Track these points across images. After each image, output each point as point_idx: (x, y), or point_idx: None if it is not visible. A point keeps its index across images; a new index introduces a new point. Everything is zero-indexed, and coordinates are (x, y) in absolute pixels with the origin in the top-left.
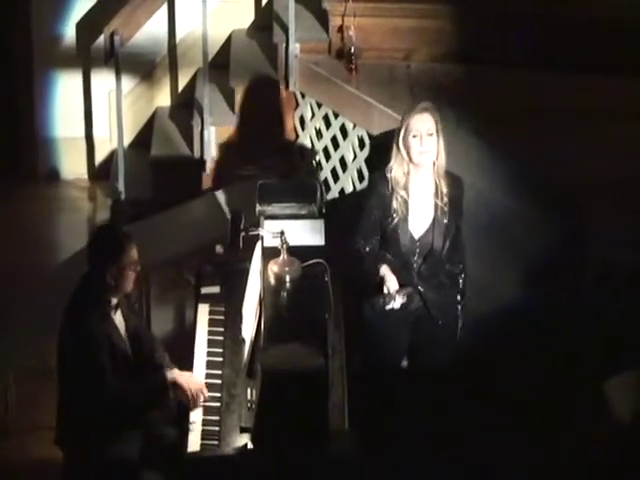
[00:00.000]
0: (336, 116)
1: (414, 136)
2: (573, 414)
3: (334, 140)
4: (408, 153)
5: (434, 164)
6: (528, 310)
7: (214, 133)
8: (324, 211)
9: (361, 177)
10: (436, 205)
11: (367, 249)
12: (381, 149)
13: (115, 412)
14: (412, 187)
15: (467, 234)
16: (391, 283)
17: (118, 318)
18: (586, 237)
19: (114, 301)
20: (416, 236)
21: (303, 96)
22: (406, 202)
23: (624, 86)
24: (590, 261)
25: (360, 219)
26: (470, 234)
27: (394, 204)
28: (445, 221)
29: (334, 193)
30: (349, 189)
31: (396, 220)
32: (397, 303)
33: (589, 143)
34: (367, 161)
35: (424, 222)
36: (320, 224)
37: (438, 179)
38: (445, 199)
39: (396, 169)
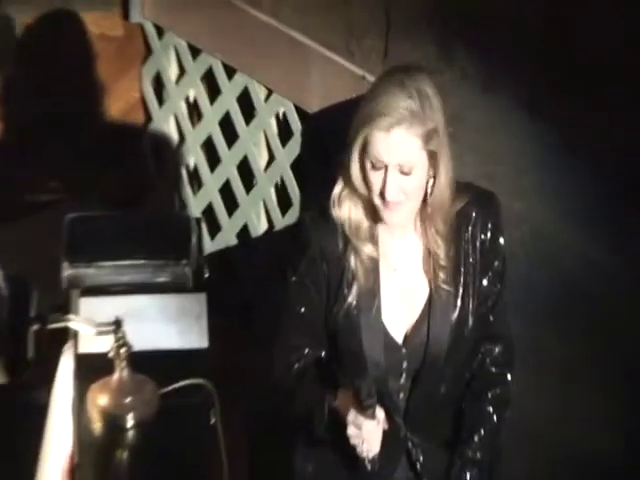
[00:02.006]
0: (230, 74)
1: (374, 167)
2: None
3: (227, 124)
4: (367, 189)
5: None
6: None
7: None
8: (207, 275)
9: (284, 202)
10: (436, 260)
11: (300, 365)
12: (327, 143)
13: None
14: (384, 236)
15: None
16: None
17: None
18: None
19: None
20: (398, 336)
21: (160, 33)
22: (375, 265)
23: None
24: None
25: (283, 303)
26: (516, 309)
27: (351, 266)
28: (455, 289)
29: (228, 237)
30: (259, 229)
31: (354, 301)
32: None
33: None
34: (296, 168)
35: (414, 303)
36: (199, 303)
37: (433, 211)
38: (453, 246)
39: (349, 204)
